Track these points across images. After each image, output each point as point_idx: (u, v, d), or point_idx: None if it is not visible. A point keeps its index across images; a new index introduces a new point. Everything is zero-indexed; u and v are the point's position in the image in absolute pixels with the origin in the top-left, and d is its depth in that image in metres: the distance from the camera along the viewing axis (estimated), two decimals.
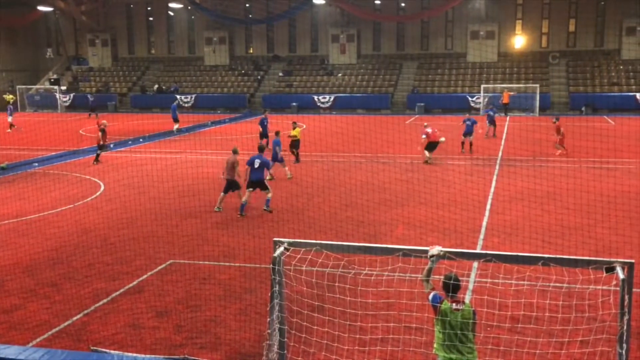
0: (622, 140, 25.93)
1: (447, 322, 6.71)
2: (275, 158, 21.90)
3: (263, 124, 28.61)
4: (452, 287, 6.77)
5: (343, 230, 15.25)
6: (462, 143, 27.92)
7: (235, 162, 17.48)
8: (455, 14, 53.95)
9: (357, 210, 17.48)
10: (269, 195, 17.31)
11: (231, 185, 17.52)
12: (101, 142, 26.15)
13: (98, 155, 26.13)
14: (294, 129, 25.54)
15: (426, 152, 24.96)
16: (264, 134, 28.40)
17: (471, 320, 6.77)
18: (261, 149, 18.18)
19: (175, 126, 37.05)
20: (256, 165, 17.17)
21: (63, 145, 31.06)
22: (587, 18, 51.58)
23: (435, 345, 6.90)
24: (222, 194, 17.65)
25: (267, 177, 19.57)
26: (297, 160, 25.35)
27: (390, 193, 19.34)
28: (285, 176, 22.02)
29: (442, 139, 24.99)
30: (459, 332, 6.70)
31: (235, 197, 17.82)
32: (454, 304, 6.74)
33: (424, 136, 25.15)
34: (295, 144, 25.46)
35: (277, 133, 22.91)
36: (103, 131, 26.24)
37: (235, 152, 17.88)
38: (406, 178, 21.60)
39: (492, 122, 33.02)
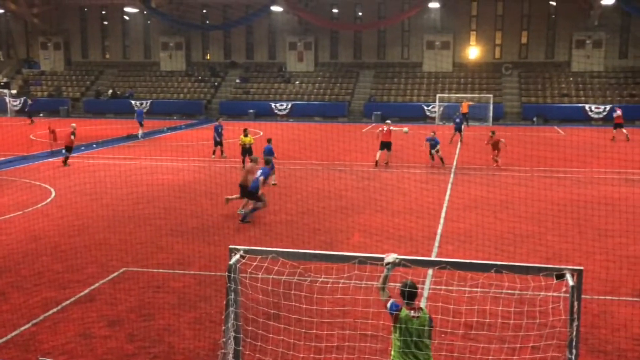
0: (572, 150, 26.61)
1: (405, 329, 6.75)
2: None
3: (217, 131, 28.37)
4: (408, 295, 6.80)
5: (299, 238, 15.23)
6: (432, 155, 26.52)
7: (251, 170, 17.46)
8: (411, 24, 54.66)
9: (314, 217, 17.49)
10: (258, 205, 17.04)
11: (244, 192, 17.31)
12: (71, 145, 26.54)
13: (67, 158, 26.42)
14: (245, 136, 25.43)
15: (378, 154, 25.57)
16: (219, 142, 28.20)
17: (427, 327, 6.82)
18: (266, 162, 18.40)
19: (140, 131, 37.17)
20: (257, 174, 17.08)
21: (12, 150, 30.26)
22: (538, 30, 52.90)
23: (392, 353, 6.93)
24: (236, 195, 17.70)
25: (272, 183, 20.98)
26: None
27: (346, 200, 19.42)
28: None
29: (405, 129, 26.08)
30: (416, 338, 6.74)
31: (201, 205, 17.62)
32: (411, 312, 6.78)
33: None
34: (247, 151, 25.30)
35: (268, 140, 23.07)
36: (73, 134, 26.60)
37: (254, 160, 18.19)
38: (362, 186, 21.73)
39: (458, 129, 34.05)
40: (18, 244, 14.65)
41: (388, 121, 27.51)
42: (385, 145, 26.10)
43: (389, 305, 6.85)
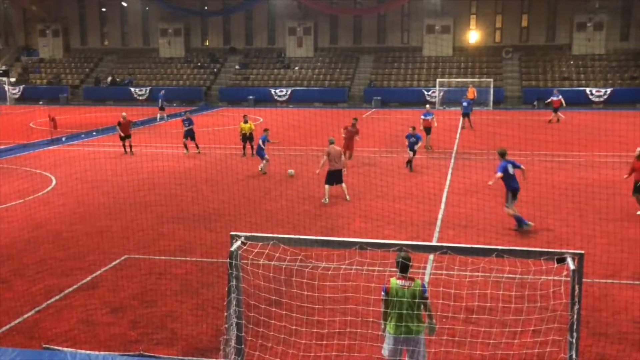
0: (573, 133, 26.57)
1: (396, 298, 7.07)
2: (259, 152, 22.19)
3: (186, 125, 26.78)
4: (400, 265, 7.15)
5: (300, 224, 15.25)
6: (408, 161, 22.60)
7: (339, 151, 17.74)
8: (411, 8, 54.34)
9: (314, 203, 17.50)
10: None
11: (334, 176, 17.57)
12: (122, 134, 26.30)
13: (130, 146, 26.44)
14: (245, 122, 25.36)
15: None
16: (189, 133, 26.53)
17: (418, 298, 7.11)
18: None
19: (159, 115, 39.42)
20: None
21: (13, 138, 30.24)
22: (539, 13, 52.61)
23: (382, 326, 7.37)
24: (326, 185, 17.71)
25: (259, 168, 21.23)
26: (247, 154, 25.26)
27: (347, 186, 19.41)
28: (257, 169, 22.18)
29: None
30: (406, 309, 7.04)
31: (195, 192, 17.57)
32: (401, 281, 7.13)
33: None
34: (247, 138, 25.28)
35: (265, 130, 22.91)
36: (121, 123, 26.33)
37: (332, 142, 17.89)
38: (363, 171, 21.71)
39: (466, 114, 33.98)
40: (20, 232, 14.68)
41: (427, 106, 28.79)
42: (428, 131, 27.11)
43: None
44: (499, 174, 14.42)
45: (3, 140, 29.44)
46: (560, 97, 37.30)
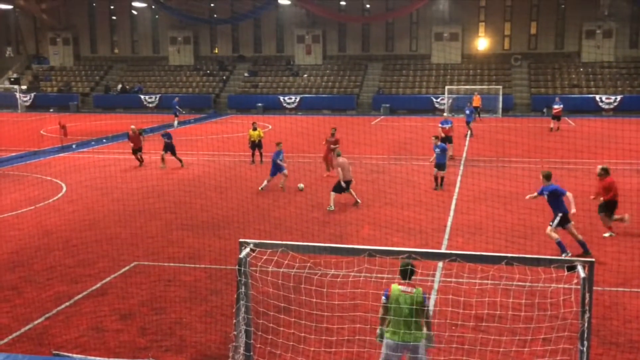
0: (583, 141, 26.43)
1: (396, 302, 7.19)
2: (278, 169, 20.35)
3: (166, 138, 25.56)
4: (402, 273, 7.31)
5: (309, 231, 15.25)
6: (435, 177, 20.60)
7: (348, 162, 18.24)
8: (419, 15, 54.40)
9: (323, 210, 17.50)
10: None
11: (349, 185, 18.06)
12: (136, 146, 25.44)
13: (141, 157, 25.59)
14: (254, 129, 25.40)
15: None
16: (168, 147, 25.30)
17: (419, 305, 7.17)
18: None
19: (176, 121, 40.66)
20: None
21: (23, 145, 30.42)
22: (548, 21, 52.52)
23: (378, 332, 7.49)
24: (333, 193, 17.95)
25: (280, 184, 20.37)
26: (256, 161, 25.26)
27: (356, 193, 19.39)
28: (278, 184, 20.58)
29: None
30: (406, 316, 7.13)
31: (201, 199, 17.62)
32: (403, 287, 7.25)
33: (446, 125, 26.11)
34: (256, 145, 25.33)
35: (277, 144, 20.81)
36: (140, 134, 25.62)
37: (339, 154, 18.49)
38: (371, 178, 21.70)
39: (468, 122, 33.50)
40: (30, 239, 14.75)
41: (445, 114, 27.91)
42: (448, 140, 25.53)
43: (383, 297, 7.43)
44: (535, 195, 14.22)
45: (14, 148, 29.64)
46: (561, 105, 36.95)
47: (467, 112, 34.28)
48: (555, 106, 36.86)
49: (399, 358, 7.31)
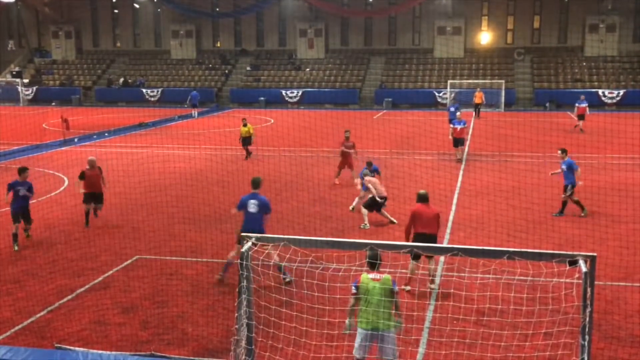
0: (585, 135, 26.43)
1: (366, 291, 7.40)
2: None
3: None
4: (369, 264, 7.53)
5: (311, 225, 15.25)
6: (564, 202, 16.50)
7: (373, 181, 15.84)
8: (422, 9, 54.28)
9: (325, 205, 17.50)
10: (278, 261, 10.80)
11: (377, 204, 15.53)
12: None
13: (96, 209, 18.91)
14: (244, 126, 25.51)
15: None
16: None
17: (388, 294, 7.37)
18: (255, 185, 11.89)
19: (194, 111, 42.84)
20: (252, 209, 11.52)
21: (25, 139, 30.43)
22: (551, 15, 52.39)
23: (347, 323, 7.75)
24: (365, 210, 15.64)
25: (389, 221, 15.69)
26: (248, 156, 25.33)
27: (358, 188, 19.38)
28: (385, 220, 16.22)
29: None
30: (375, 304, 7.31)
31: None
32: (372, 275, 7.45)
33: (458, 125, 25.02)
34: (245, 141, 25.52)
35: (369, 164, 17.31)
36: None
37: (366, 174, 16.25)
38: None
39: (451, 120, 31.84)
40: (32, 232, 14.76)
41: (459, 113, 27.33)
42: (459, 142, 25.05)
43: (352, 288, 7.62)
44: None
45: (16, 141, 29.66)
46: (586, 104, 34.39)
47: (452, 109, 30.64)
48: (581, 105, 34.22)
49: (370, 347, 7.53)
